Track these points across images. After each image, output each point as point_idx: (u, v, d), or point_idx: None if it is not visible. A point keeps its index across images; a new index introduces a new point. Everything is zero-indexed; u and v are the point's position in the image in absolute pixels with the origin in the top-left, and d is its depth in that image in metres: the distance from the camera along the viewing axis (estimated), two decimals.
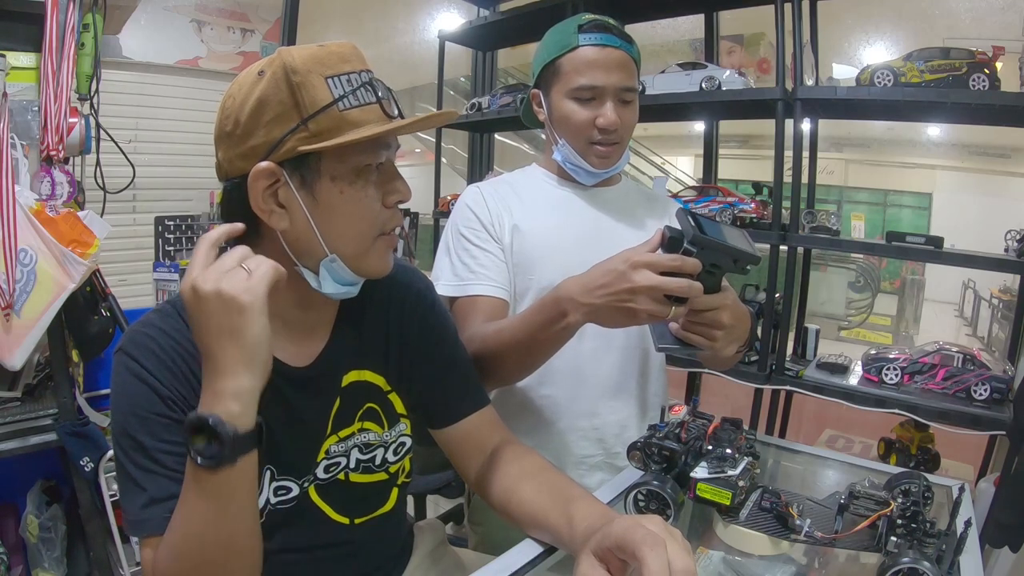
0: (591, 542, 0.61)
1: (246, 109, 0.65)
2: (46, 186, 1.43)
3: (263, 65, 0.67)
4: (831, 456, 1.15)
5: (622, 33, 1.04)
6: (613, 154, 1.08)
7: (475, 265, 1.07)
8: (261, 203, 0.67)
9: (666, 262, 0.73)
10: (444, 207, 2.86)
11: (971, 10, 4.66)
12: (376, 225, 0.71)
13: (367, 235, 0.71)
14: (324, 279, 0.71)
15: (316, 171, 0.66)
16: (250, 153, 0.66)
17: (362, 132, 0.65)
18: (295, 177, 0.66)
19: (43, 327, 1.36)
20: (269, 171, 0.65)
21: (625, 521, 0.59)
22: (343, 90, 0.66)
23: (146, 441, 0.66)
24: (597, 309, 0.78)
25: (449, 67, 3.03)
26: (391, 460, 0.85)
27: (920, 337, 6.89)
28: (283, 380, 0.75)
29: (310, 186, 0.67)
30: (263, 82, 0.65)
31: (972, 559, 0.72)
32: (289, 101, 0.64)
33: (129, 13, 1.84)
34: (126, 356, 0.69)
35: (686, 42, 4.58)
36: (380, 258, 0.73)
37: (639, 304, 0.74)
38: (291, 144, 0.65)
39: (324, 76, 0.65)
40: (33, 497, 1.66)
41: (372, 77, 0.69)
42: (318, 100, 0.64)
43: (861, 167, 8.01)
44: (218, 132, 0.69)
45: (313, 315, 0.78)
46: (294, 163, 0.66)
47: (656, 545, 0.54)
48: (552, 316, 0.83)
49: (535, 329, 0.86)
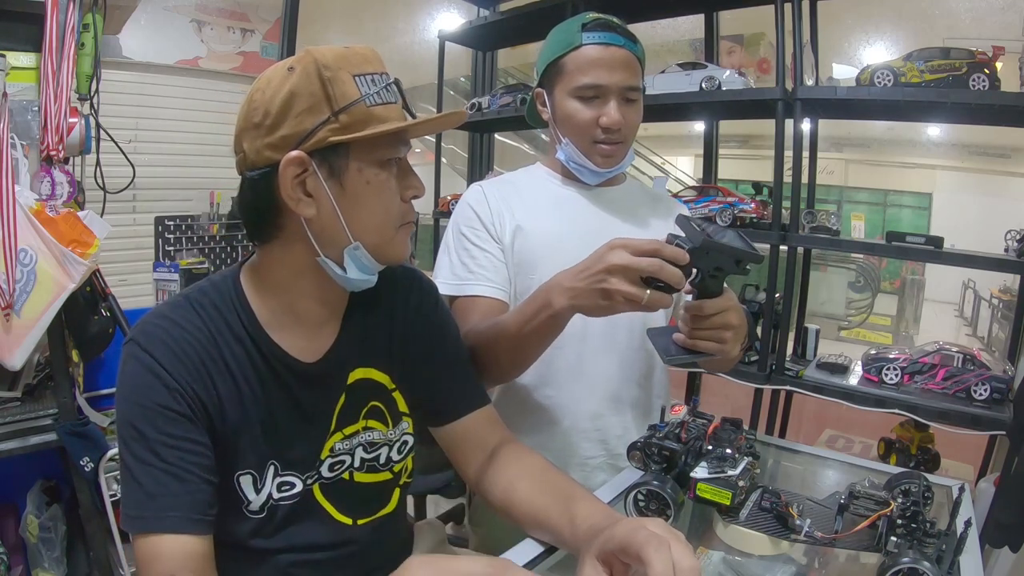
0: (593, 545, 0.61)
1: (277, 101, 0.67)
2: (46, 186, 1.43)
3: (292, 62, 0.69)
4: (831, 456, 1.15)
5: (626, 32, 1.04)
6: (617, 153, 1.08)
7: (474, 265, 1.07)
8: (290, 191, 0.68)
9: (643, 245, 0.74)
10: (444, 207, 2.86)
11: (971, 10, 4.65)
12: (397, 216, 0.74)
13: (389, 225, 0.74)
14: (349, 266, 0.73)
15: (345, 161, 0.69)
16: (280, 143, 0.68)
17: (389, 126, 0.68)
18: (323, 167, 0.68)
19: (43, 327, 1.36)
20: (299, 160, 0.67)
21: (628, 524, 0.59)
22: (369, 88, 0.69)
23: (148, 432, 0.66)
24: (578, 293, 0.79)
25: (449, 67, 3.03)
26: (395, 459, 0.85)
27: (920, 337, 6.89)
28: (291, 375, 0.75)
29: (338, 175, 0.69)
30: (294, 76, 0.67)
31: (972, 559, 0.72)
32: (320, 94, 0.67)
33: (129, 13, 1.84)
34: (136, 346, 0.69)
35: (686, 42, 4.58)
36: (401, 245, 0.76)
37: (612, 284, 0.75)
38: (322, 135, 0.67)
39: (352, 74, 0.68)
40: (33, 497, 1.66)
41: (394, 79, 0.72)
42: (348, 94, 0.67)
43: (861, 167, 8.01)
44: (244, 124, 0.70)
45: (326, 309, 0.79)
46: (323, 153, 0.68)
47: (661, 547, 0.54)
48: (540, 304, 0.84)
49: (524, 319, 0.87)
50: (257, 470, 0.74)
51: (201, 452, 0.69)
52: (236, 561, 0.74)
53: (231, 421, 0.72)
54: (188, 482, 0.67)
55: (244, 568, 0.76)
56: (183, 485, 0.66)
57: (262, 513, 0.75)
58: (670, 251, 0.73)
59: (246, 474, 0.73)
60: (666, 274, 0.73)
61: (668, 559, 0.53)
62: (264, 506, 0.75)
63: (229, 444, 0.72)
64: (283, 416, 0.75)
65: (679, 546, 0.55)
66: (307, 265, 0.73)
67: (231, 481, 0.72)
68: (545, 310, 0.83)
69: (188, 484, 0.67)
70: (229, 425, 0.72)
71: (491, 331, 0.93)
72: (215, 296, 0.75)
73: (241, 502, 0.74)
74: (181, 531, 0.65)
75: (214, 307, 0.74)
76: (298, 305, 0.76)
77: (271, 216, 0.71)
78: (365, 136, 0.67)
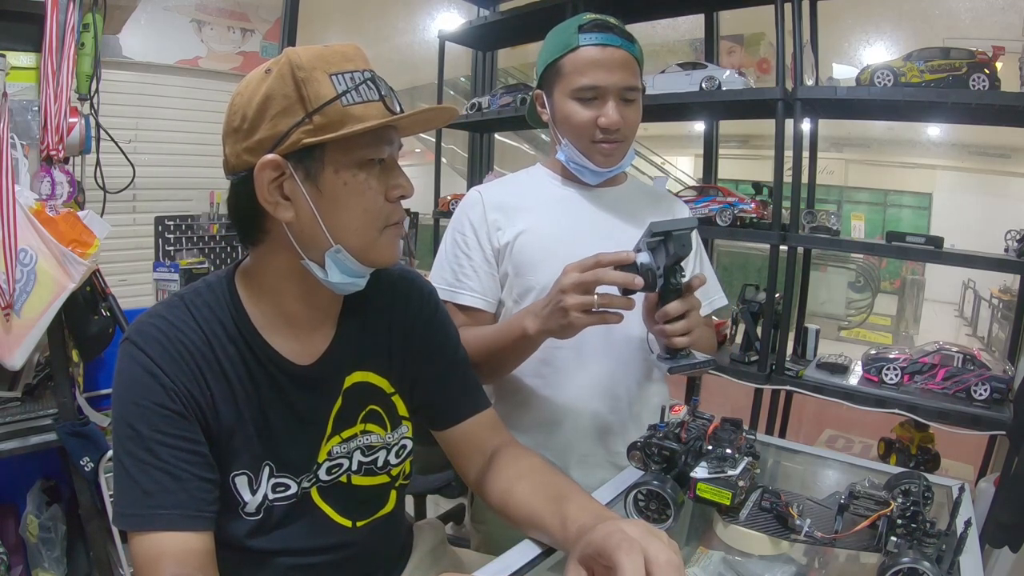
0: (576, 549, 0.61)
1: (253, 104, 0.67)
2: (46, 186, 1.42)
3: (270, 64, 0.68)
4: (831, 456, 1.15)
5: (623, 32, 1.04)
6: (617, 152, 1.08)
7: (460, 274, 1.10)
8: (267, 195, 0.68)
9: (586, 261, 0.83)
10: (444, 207, 2.86)
11: (971, 10, 4.65)
12: (380, 217, 0.72)
13: (371, 226, 0.72)
14: (330, 269, 0.71)
15: (320, 163, 0.67)
16: (256, 147, 0.67)
17: (363, 125, 0.66)
18: (300, 170, 0.67)
19: (43, 327, 1.36)
20: (275, 163, 0.66)
21: (604, 527, 0.59)
22: (346, 86, 0.67)
23: (143, 430, 0.67)
24: (543, 318, 0.89)
25: (449, 67, 3.02)
26: (393, 463, 0.85)
27: (920, 337, 6.89)
28: (285, 377, 0.75)
29: (315, 178, 0.68)
30: (270, 78, 0.67)
31: (972, 559, 0.72)
32: (294, 95, 0.66)
33: (129, 13, 1.84)
34: (132, 345, 0.69)
35: (686, 42, 4.58)
36: (388, 248, 0.74)
37: (566, 301, 0.84)
38: (296, 137, 0.66)
39: (328, 73, 0.66)
40: (33, 497, 1.66)
41: (375, 75, 0.70)
42: (322, 94, 0.66)
43: (861, 167, 8.00)
44: (226, 128, 0.70)
45: (317, 313, 0.78)
46: (299, 156, 0.67)
47: (631, 550, 0.54)
48: (516, 327, 0.94)
49: (502, 336, 0.98)
50: (252, 470, 0.74)
51: (197, 450, 0.69)
52: (236, 564, 0.74)
53: (225, 421, 0.72)
54: (184, 480, 0.67)
55: (244, 571, 0.76)
56: (179, 483, 0.66)
57: (258, 514, 0.75)
58: (611, 257, 0.82)
59: (241, 474, 0.73)
60: (611, 278, 0.82)
61: (638, 562, 0.53)
62: (260, 507, 0.75)
63: (224, 444, 0.72)
64: (277, 417, 0.75)
65: (656, 544, 0.55)
66: (293, 268, 0.73)
67: (227, 481, 0.73)
68: (519, 333, 0.94)
69: (184, 482, 0.67)
70: (223, 425, 0.72)
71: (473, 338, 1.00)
72: (209, 297, 0.75)
73: (237, 503, 0.74)
74: (179, 528, 0.66)
75: (208, 308, 0.74)
76: (288, 308, 0.76)
77: (255, 220, 0.71)
78: (338, 137, 0.65)
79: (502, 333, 0.98)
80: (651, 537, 0.56)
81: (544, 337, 0.92)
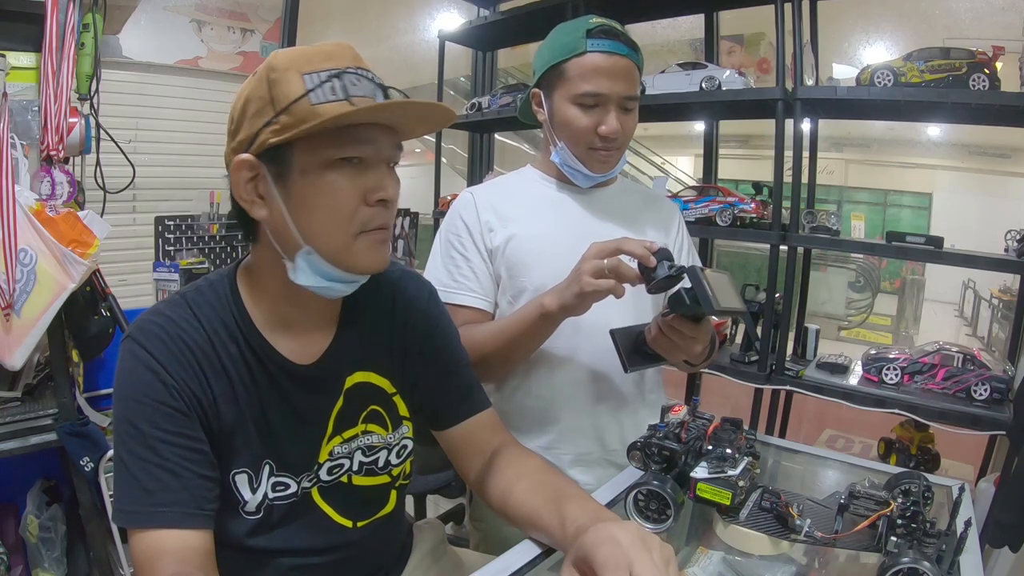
0: (570, 552, 0.61)
1: (238, 107, 0.69)
2: (46, 186, 1.42)
3: (258, 66, 0.69)
4: (831, 456, 1.15)
5: (628, 40, 1.04)
6: (612, 159, 1.08)
7: (457, 274, 1.10)
8: (243, 193, 0.69)
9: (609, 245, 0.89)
10: (444, 207, 2.85)
11: (971, 10, 4.65)
12: (354, 221, 0.69)
13: (343, 230, 0.69)
14: (300, 270, 0.70)
15: (288, 164, 0.67)
16: (238, 147, 0.68)
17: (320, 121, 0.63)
18: (271, 169, 0.68)
19: (43, 327, 1.36)
20: (248, 163, 0.67)
21: (597, 534, 0.59)
22: (315, 84, 0.65)
23: (144, 428, 0.67)
24: (561, 291, 0.92)
25: (449, 67, 3.02)
26: (394, 463, 0.85)
27: (920, 337, 6.89)
28: (285, 376, 0.75)
29: (283, 178, 0.68)
30: (253, 81, 0.68)
31: (972, 559, 0.72)
32: (267, 96, 0.66)
33: (129, 13, 1.84)
34: (133, 343, 0.69)
35: (686, 42, 4.57)
36: (367, 254, 0.71)
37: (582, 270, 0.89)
38: (264, 136, 0.66)
39: (302, 72, 0.66)
40: (33, 497, 1.66)
41: (359, 71, 0.68)
42: (290, 94, 0.65)
43: (861, 167, 8.01)
44: (226, 131, 0.72)
45: (311, 314, 0.78)
46: (270, 155, 0.67)
47: (617, 569, 0.54)
48: (534, 307, 0.96)
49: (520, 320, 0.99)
50: (252, 469, 0.74)
51: (197, 448, 0.69)
52: (236, 563, 0.74)
53: (226, 419, 0.72)
54: (185, 477, 0.67)
55: (244, 570, 0.76)
56: (180, 480, 0.67)
57: (259, 513, 0.75)
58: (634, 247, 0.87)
59: (241, 473, 0.73)
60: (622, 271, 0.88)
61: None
62: (260, 506, 0.75)
63: (224, 442, 0.72)
64: (277, 417, 0.75)
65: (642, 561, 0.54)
66: (279, 267, 0.72)
67: (227, 480, 0.73)
68: (537, 313, 0.95)
69: (184, 479, 0.67)
70: (224, 423, 0.72)
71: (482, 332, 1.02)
72: (211, 295, 0.75)
73: (238, 502, 0.74)
74: (178, 526, 0.66)
75: (210, 306, 0.74)
76: (282, 307, 0.76)
77: (244, 218, 0.72)
78: (298, 135, 0.64)
79: (519, 317, 0.99)
80: (640, 550, 0.55)
81: (562, 314, 0.94)
